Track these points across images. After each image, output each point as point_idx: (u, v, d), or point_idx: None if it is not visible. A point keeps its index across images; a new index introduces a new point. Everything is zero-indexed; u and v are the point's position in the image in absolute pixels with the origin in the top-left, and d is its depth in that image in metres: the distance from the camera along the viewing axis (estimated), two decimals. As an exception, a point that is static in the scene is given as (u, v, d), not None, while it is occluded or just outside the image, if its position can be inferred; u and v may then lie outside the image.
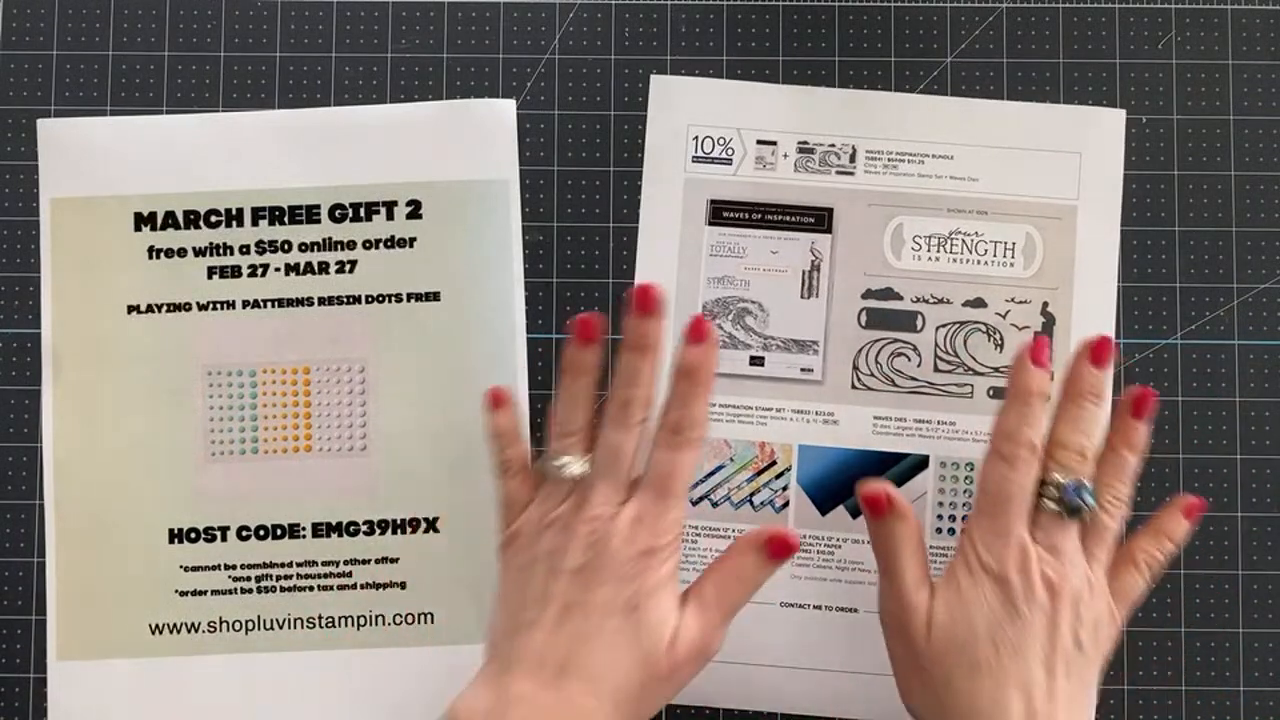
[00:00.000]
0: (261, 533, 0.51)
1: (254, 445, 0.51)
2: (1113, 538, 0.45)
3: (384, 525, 0.51)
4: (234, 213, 0.52)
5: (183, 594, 0.51)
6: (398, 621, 0.51)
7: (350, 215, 0.52)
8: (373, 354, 0.52)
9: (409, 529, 0.51)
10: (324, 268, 0.52)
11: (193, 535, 0.51)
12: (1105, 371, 0.46)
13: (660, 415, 0.45)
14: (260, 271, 0.52)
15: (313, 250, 0.52)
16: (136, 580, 0.51)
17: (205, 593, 0.51)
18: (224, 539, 0.51)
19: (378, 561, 0.51)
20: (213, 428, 0.51)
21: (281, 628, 0.51)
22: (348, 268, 0.52)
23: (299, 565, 0.51)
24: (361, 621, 0.51)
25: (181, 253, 0.52)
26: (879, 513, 0.45)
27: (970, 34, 0.54)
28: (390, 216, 0.52)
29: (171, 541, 0.51)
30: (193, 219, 0.52)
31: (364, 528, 0.51)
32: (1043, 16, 0.54)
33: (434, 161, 0.52)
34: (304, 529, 0.51)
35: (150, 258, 0.52)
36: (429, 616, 0.51)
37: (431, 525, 0.52)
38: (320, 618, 0.51)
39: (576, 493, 0.44)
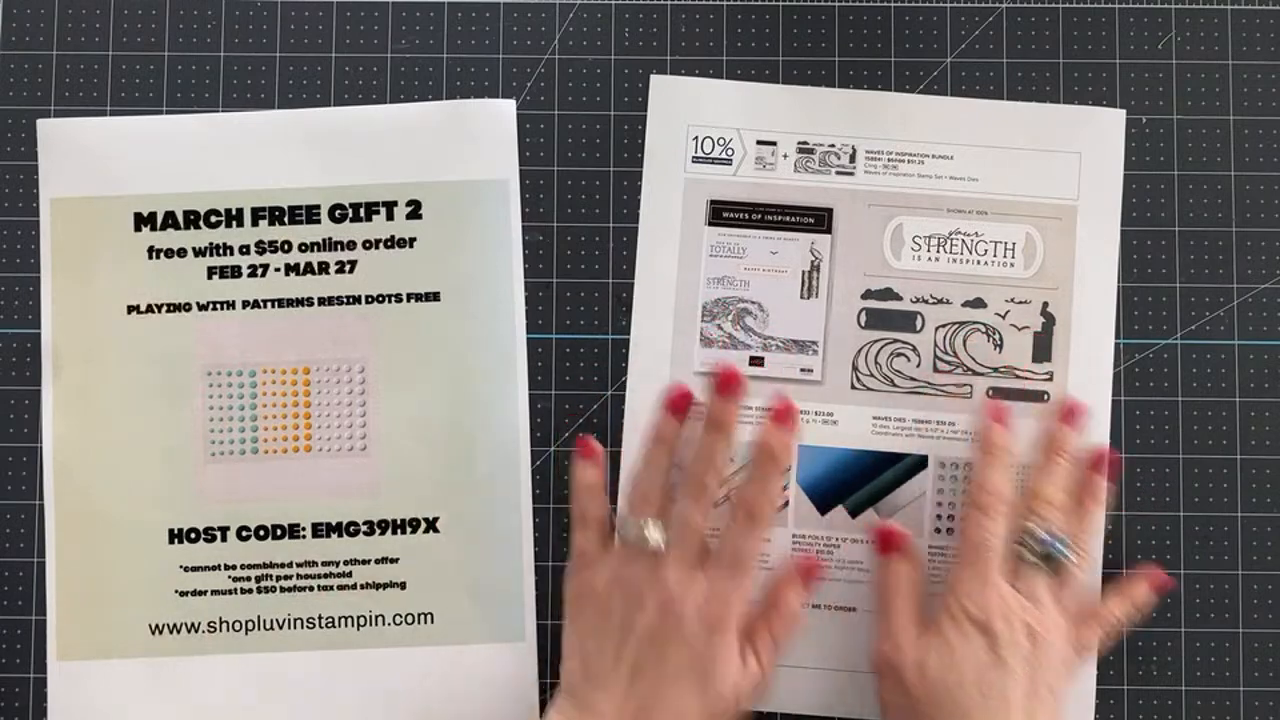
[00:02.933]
0: (261, 533, 0.51)
1: (254, 445, 0.52)
2: (1081, 587, 0.49)
3: (384, 525, 0.51)
4: (234, 213, 0.52)
5: (183, 594, 0.51)
6: (398, 622, 0.51)
7: (350, 215, 0.52)
8: (372, 354, 0.52)
9: (409, 529, 0.51)
10: (324, 268, 0.52)
11: (193, 535, 0.51)
12: (1076, 431, 0.50)
13: (738, 491, 0.49)
14: (260, 272, 0.52)
15: (313, 250, 0.52)
16: (137, 580, 0.51)
17: (205, 593, 0.51)
18: (224, 539, 0.51)
19: (377, 562, 0.51)
20: (212, 428, 0.52)
21: (281, 628, 0.51)
22: (348, 268, 0.52)
23: (299, 565, 0.51)
24: (361, 622, 0.51)
25: (181, 253, 0.52)
26: (889, 549, 0.49)
27: (970, 34, 0.54)
28: (390, 217, 0.52)
29: (172, 542, 0.51)
30: (193, 219, 0.52)
31: (364, 528, 0.51)
32: (1043, 16, 0.54)
33: (434, 162, 0.52)
34: (304, 529, 0.51)
35: (150, 258, 0.52)
36: (429, 616, 0.51)
37: (431, 525, 0.52)
38: (320, 618, 0.51)
39: (652, 558, 0.47)
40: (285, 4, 0.54)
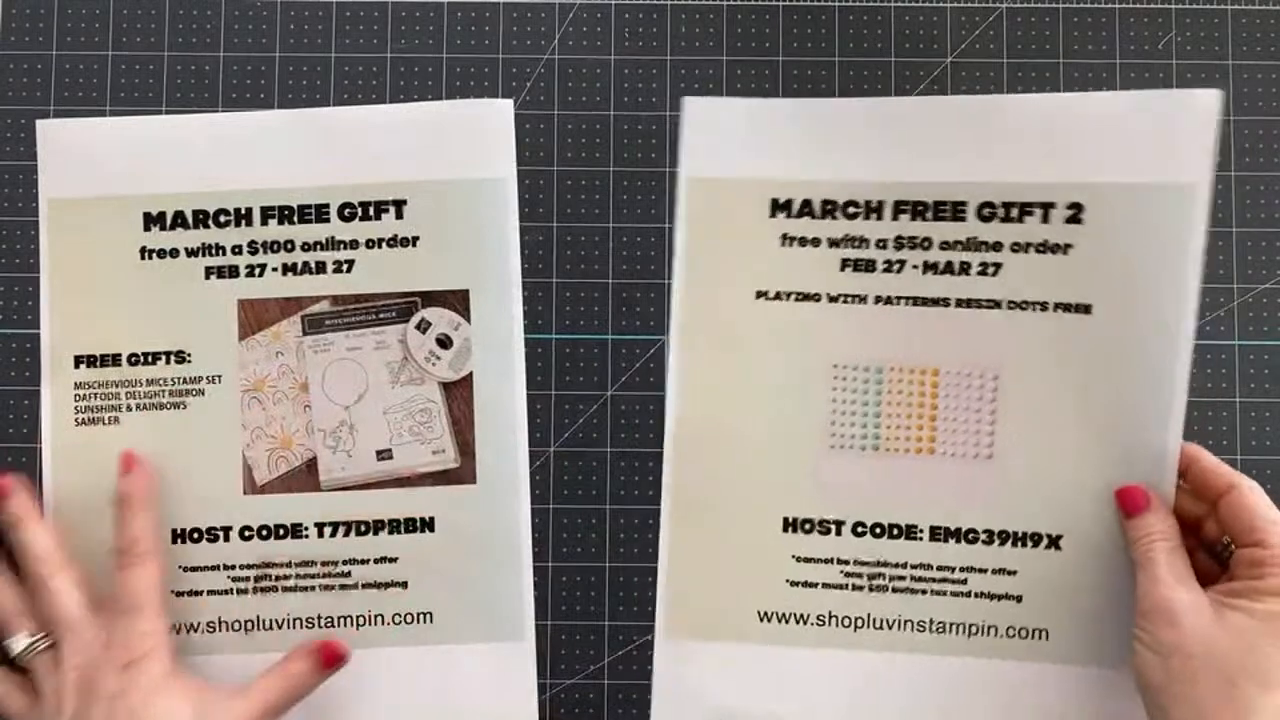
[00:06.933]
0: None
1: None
2: None
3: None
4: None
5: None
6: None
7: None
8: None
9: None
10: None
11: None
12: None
13: (113, 540, 0.48)
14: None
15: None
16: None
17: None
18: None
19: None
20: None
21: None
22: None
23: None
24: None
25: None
26: (1136, 509, 0.47)
27: (970, 34, 0.54)
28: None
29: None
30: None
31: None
32: (1043, 16, 0.54)
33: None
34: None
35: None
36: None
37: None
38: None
39: (52, 658, 0.47)
40: (285, 4, 0.54)
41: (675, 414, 0.51)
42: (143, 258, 0.52)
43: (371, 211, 0.52)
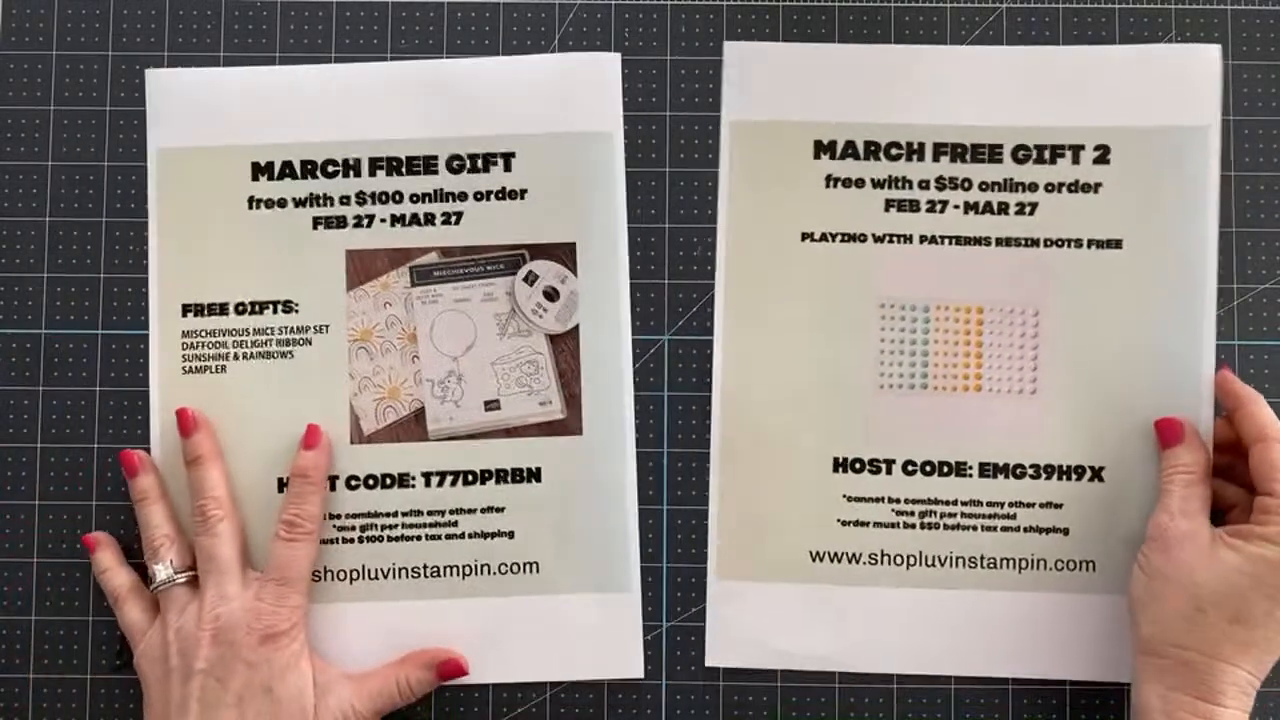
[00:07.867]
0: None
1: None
2: None
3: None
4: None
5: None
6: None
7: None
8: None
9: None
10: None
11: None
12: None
13: (281, 507, 0.49)
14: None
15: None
16: None
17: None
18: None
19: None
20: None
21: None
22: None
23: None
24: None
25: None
26: (1171, 441, 0.49)
27: (970, 34, 0.54)
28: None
29: None
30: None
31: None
32: (1043, 16, 0.54)
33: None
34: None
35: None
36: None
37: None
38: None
39: (192, 598, 0.48)
40: (285, 4, 0.54)
41: (723, 356, 0.51)
42: (250, 207, 0.52)
43: (480, 164, 0.52)
